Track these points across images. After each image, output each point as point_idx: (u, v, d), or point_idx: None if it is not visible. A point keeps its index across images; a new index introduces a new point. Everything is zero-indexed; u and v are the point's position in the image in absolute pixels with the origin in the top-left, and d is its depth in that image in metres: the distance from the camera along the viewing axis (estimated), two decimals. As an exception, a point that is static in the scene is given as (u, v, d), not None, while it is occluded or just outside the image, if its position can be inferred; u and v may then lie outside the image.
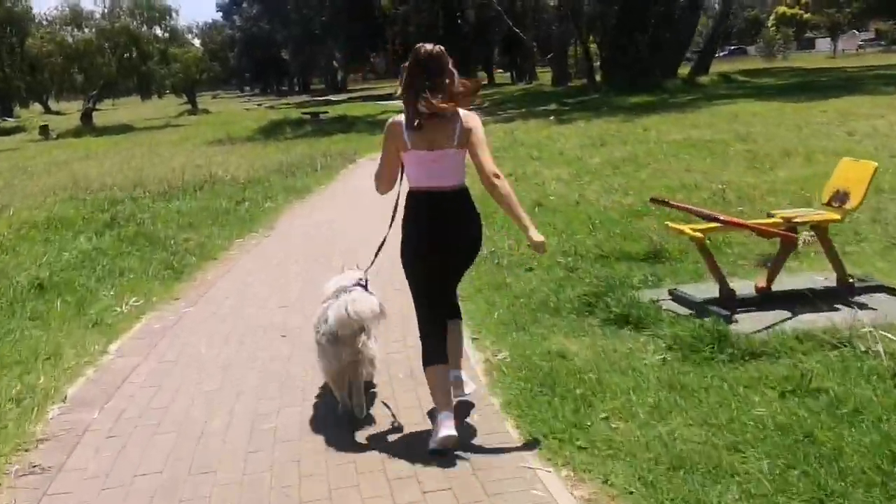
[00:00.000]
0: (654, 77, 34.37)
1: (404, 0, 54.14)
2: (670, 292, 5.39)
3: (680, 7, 34.17)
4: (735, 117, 17.93)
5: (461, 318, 4.13)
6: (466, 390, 4.10)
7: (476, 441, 3.78)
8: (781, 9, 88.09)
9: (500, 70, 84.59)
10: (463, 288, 5.25)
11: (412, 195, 3.72)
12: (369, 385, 4.33)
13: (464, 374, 4.13)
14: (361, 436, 3.92)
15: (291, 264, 7.74)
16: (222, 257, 8.25)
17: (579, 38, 41.10)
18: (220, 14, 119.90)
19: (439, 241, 3.69)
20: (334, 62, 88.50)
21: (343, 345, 3.80)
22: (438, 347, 3.79)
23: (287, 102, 66.00)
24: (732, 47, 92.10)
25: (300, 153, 17.62)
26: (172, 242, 8.54)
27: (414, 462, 3.58)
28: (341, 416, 4.10)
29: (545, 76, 60.20)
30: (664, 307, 5.16)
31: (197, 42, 65.87)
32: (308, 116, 30.83)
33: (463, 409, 4.04)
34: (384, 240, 4.02)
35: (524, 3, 58.58)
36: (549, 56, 57.96)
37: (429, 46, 3.66)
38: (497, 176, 3.58)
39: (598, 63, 40.68)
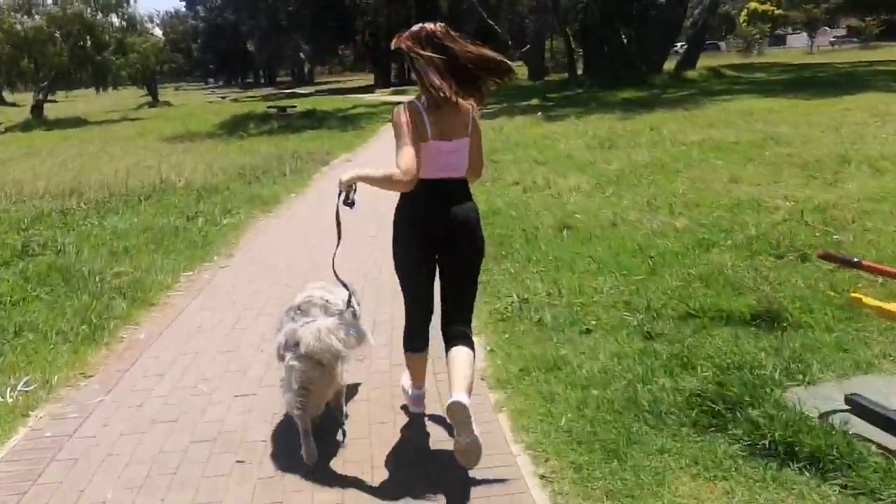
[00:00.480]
0: (639, 71, 32.79)
1: (375, -11, 51.86)
2: (848, 400, 3.42)
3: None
4: (750, 115, 16.23)
5: (473, 349, 3.48)
6: (475, 430, 3.20)
7: None
8: (753, 4, 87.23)
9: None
10: (504, 366, 4.40)
11: (422, 183, 3.33)
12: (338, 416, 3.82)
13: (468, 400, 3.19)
14: None
15: (255, 312, 5.77)
16: (162, 301, 6.21)
17: (559, 29, 39.31)
18: (184, 4, 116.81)
19: (444, 234, 3.41)
20: (301, 54, 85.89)
21: (315, 367, 3.38)
22: (417, 333, 3.64)
23: (252, 95, 63.54)
24: (706, 43, 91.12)
25: (266, 153, 15.57)
26: (98, 280, 6.49)
27: None
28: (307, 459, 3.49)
29: (520, 70, 58.56)
30: (847, 427, 3.25)
31: (158, 32, 62.97)
32: (274, 111, 28.60)
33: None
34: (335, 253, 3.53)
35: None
36: (523, 49, 56.20)
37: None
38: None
39: (579, 56, 39.09)
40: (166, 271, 6.91)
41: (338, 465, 3.50)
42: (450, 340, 3.48)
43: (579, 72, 36.19)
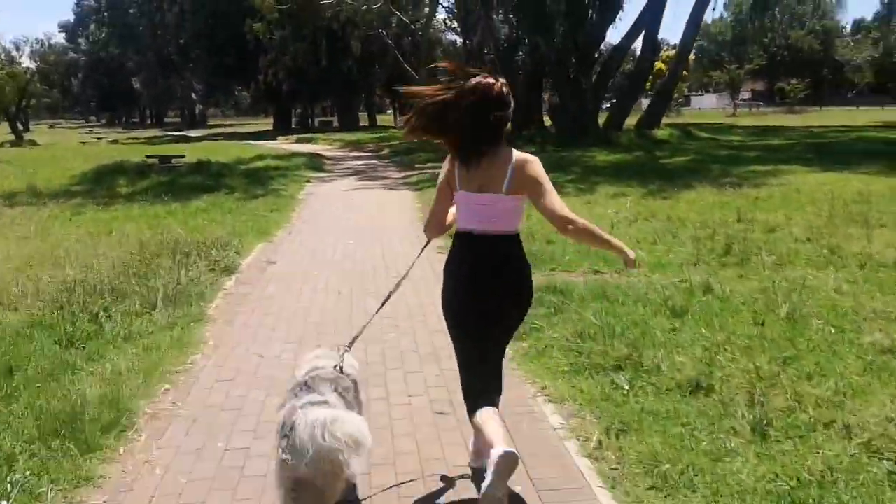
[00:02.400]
0: (595, 127, 28.17)
1: (281, 24, 45.83)
2: None
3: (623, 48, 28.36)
4: (865, 200, 11.26)
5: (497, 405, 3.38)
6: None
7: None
8: (659, 65, 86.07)
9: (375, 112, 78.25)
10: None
11: (457, 235, 3.42)
12: None
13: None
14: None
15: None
16: None
17: (507, 76, 34.41)
18: (64, 35, 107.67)
19: (480, 293, 3.32)
20: (193, 94, 78.48)
21: (313, 465, 2.80)
22: (480, 400, 3.34)
23: (135, 137, 56.15)
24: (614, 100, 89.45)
25: (130, 244, 9.34)
26: None
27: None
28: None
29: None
30: None
31: (28, 62, 54.87)
32: (155, 161, 22.04)
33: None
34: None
35: (416, 36, 51.66)
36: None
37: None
38: (570, 221, 3.25)
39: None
40: None
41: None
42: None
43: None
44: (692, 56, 72.10)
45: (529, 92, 33.76)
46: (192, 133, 61.36)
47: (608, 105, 35.43)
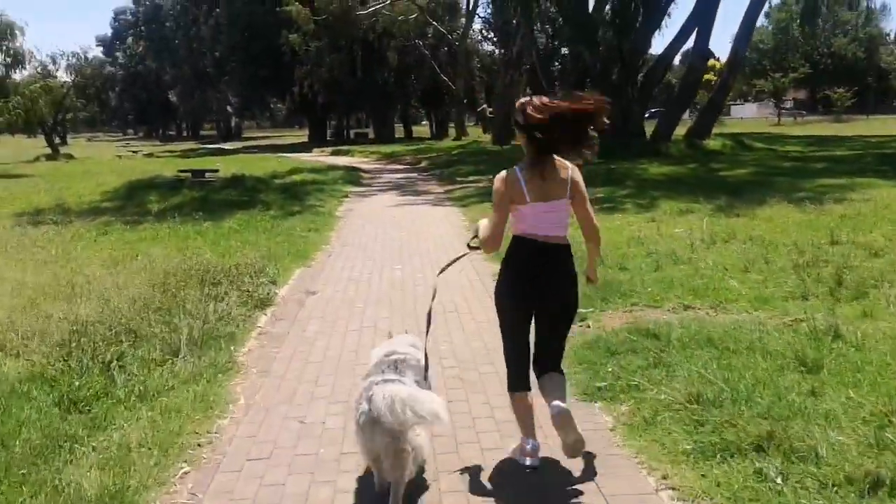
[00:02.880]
0: (642, 138, 26.97)
1: (317, 36, 45.27)
2: None
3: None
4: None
5: (563, 374, 3.97)
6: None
7: None
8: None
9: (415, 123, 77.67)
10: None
11: (520, 240, 3.77)
12: (417, 484, 3.52)
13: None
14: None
15: None
16: None
17: (546, 86, 33.38)
18: (101, 49, 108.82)
19: (538, 290, 3.76)
20: (228, 107, 78.45)
21: (386, 435, 3.20)
22: (521, 375, 3.89)
23: (171, 150, 55.93)
24: (654, 109, 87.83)
25: (155, 272, 8.42)
26: None
27: None
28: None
29: (475, 132, 52.58)
30: None
31: (65, 76, 54.89)
32: (188, 175, 21.31)
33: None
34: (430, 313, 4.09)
35: (453, 46, 50.82)
36: (481, 108, 50.40)
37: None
38: (598, 230, 3.87)
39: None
40: None
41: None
42: (541, 374, 3.90)
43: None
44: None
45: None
46: (228, 146, 61.14)
47: (647, 115, 34.31)
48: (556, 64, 48.60)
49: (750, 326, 5.72)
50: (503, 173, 3.74)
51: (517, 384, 3.88)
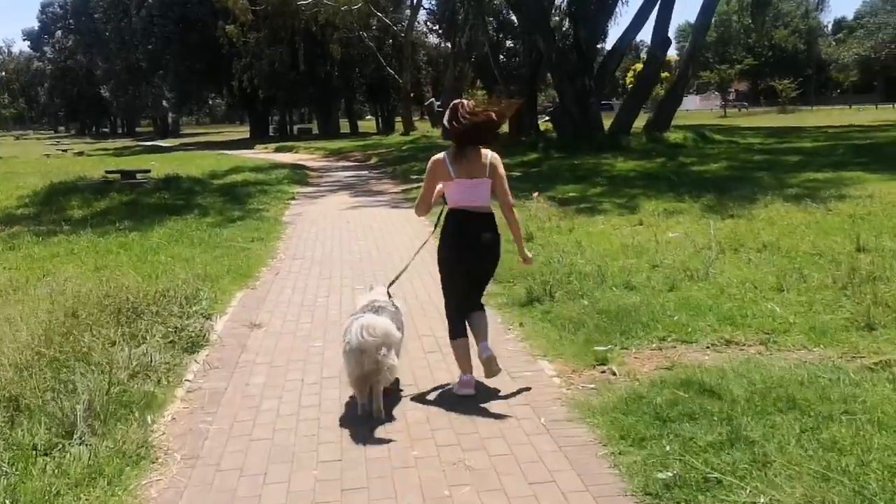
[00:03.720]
0: (599, 130, 25.89)
1: (256, 27, 43.22)
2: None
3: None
4: None
5: (484, 309, 4.94)
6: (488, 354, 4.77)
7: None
8: (639, 66, 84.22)
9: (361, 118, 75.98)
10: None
11: (452, 211, 4.77)
12: (392, 392, 4.66)
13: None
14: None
15: None
16: None
17: (499, 80, 32.09)
18: (28, 44, 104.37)
19: (470, 249, 4.72)
20: (164, 102, 75.46)
21: (363, 355, 4.23)
22: (459, 324, 4.82)
23: (104, 148, 53.33)
24: (602, 102, 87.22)
25: (62, 300, 6.82)
26: None
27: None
28: (360, 416, 4.38)
29: (420, 125, 51.00)
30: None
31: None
32: (117, 177, 19.42)
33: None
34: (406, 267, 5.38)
35: (398, 39, 49.21)
36: (429, 102, 48.88)
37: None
38: (513, 208, 4.91)
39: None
40: None
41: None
42: (469, 313, 4.84)
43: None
44: (674, 57, 70.18)
45: (525, 95, 31.54)
46: (165, 143, 58.66)
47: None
48: (502, 57, 47.33)
49: (827, 374, 4.46)
50: (435, 156, 4.78)
51: (456, 332, 4.81)
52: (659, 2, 25.06)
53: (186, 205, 14.82)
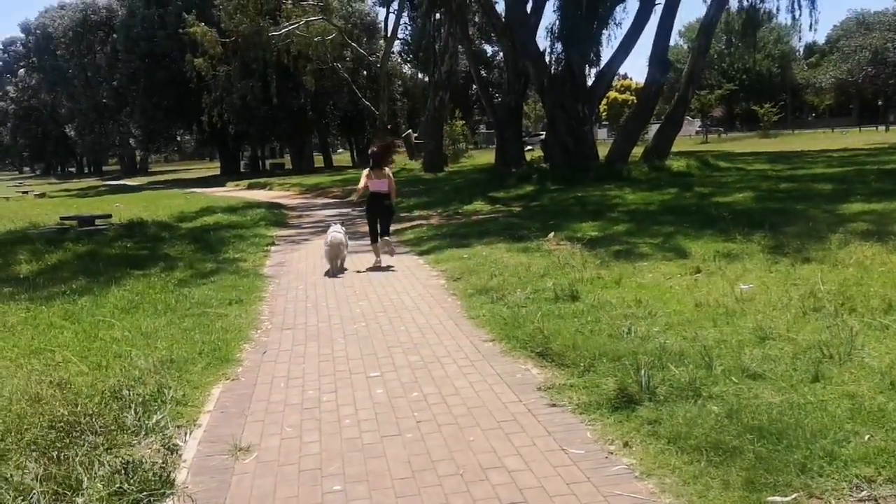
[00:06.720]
0: (595, 160, 24.34)
1: (225, 60, 41.40)
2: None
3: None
4: None
5: (389, 235, 11.47)
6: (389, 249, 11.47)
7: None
8: (613, 94, 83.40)
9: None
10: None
11: (372, 193, 11.23)
12: (342, 265, 10.89)
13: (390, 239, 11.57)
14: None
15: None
16: None
17: (486, 106, 30.47)
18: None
19: (377, 206, 11.27)
20: (131, 140, 73.18)
21: (332, 248, 10.85)
22: (374, 236, 11.34)
23: (68, 189, 51.06)
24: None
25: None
26: None
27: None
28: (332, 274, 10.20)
29: (401, 160, 49.23)
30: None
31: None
32: (74, 223, 17.38)
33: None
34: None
35: (373, 69, 47.63)
36: (406, 134, 47.17)
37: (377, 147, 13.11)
38: (395, 189, 11.77)
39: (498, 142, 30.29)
40: None
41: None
42: (379, 237, 11.36)
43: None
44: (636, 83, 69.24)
45: (509, 125, 29.99)
46: (132, 182, 56.54)
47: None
48: (473, 88, 45.90)
49: None
50: (364, 170, 11.66)
51: (373, 240, 11.38)
52: (658, 22, 23.73)
53: (151, 255, 12.86)
